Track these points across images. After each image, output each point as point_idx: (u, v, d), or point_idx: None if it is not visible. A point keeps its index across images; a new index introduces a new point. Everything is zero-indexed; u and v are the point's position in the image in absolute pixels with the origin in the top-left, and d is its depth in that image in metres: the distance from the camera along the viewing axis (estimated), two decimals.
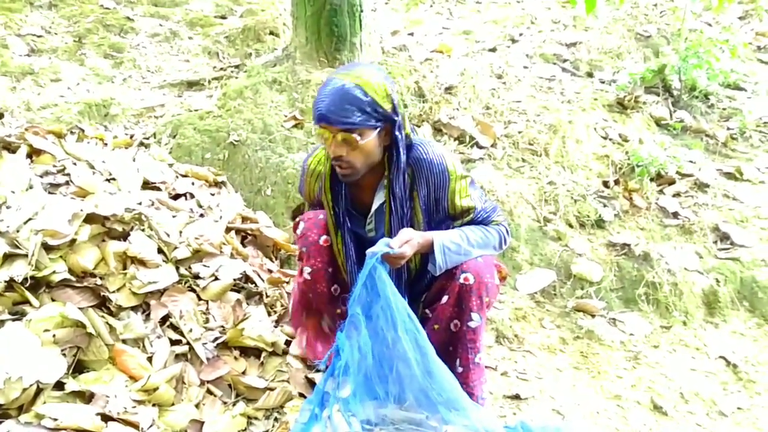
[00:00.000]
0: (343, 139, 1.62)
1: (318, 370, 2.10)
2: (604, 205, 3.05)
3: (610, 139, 3.50)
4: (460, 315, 1.80)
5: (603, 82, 4.09)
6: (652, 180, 3.22)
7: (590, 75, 4.21)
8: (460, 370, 1.85)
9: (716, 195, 3.20)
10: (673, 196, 3.18)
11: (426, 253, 1.77)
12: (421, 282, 1.90)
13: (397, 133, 1.69)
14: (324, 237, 1.87)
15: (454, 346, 1.85)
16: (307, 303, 2.00)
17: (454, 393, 1.67)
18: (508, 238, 1.87)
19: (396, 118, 1.67)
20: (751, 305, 2.69)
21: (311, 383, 2.03)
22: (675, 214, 3.06)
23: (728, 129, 3.80)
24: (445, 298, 1.80)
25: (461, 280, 1.76)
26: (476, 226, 1.82)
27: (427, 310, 1.88)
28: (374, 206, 1.83)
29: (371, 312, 1.65)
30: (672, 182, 3.24)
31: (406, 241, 1.66)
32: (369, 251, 1.63)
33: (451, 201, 1.79)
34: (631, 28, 4.63)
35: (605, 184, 3.20)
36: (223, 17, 4.93)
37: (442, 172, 1.76)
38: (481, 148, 3.24)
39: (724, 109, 3.97)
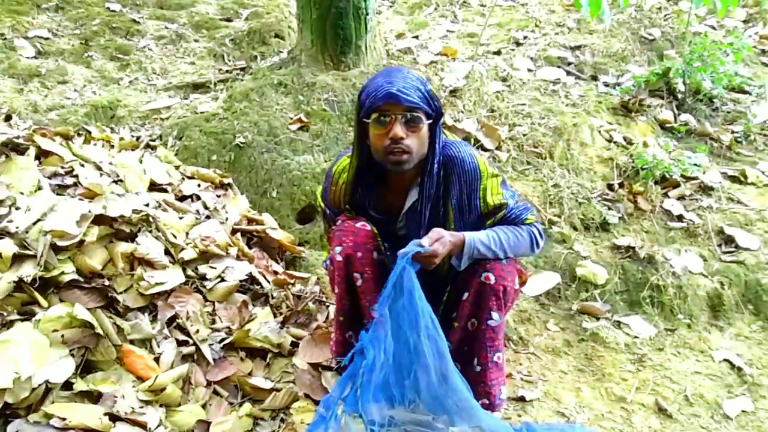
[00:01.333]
0: (407, 119, 1.66)
1: (338, 368, 2.08)
2: (609, 208, 3.06)
3: (615, 142, 3.51)
4: (478, 314, 1.81)
5: (607, 86, 4.09)
6: (656, 183, 3.22)
7: (595, 78, 4.22)
8: (478, 369, 1.84)
9: (721, 198, 3.20)
10: (678, 199, 3.18)
11: (450, 257, 1.78)
12: (446, 281, 1.90)
13: (437, 129, 1.75)
14: (362, 223, 1.85)
15: (470, 345, 1.85)
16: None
17: (469, 402, 1.68)
18: (541, 240, 1.85)
19: (441, 115, 1.75)
20: (756, 308, 2.69)
21: (317, 384, 2.04)
22: (679, 217, 3.06)
23: (733, 132, 3.80)
24: (465, 295, 1.81)
25: (482, 278, 1.77)
26: (508, 226, 1.81)
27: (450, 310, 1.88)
28: (407, 205, 1.84)
29: (396, 314, 1.65)
30: (676, 185, 3.24)
31: (437, 240, 1.67)
32: (400, 252, 1.64)
33: (482, 198, 1.79)
34: (635, 32, 4.64)
35: (610, 186, 3.21)
36: (229, 20, 4.95)
37: (474, 169, 1.77)
38: (485, 150, 3.25)
39: (728, 112, 3.98)
